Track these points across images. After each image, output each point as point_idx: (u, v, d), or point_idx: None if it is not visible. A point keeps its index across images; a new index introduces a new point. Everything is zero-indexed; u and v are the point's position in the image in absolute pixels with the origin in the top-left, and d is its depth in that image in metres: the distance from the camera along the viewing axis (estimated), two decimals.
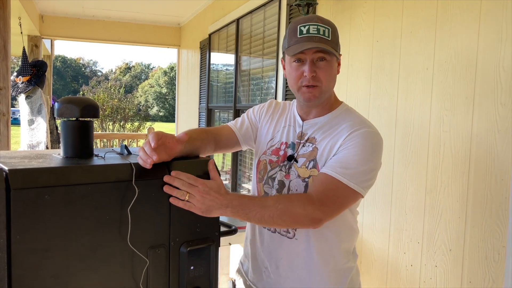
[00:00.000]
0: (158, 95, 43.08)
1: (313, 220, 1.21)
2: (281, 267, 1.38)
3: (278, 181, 1.38)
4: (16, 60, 12.07)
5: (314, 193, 1.24)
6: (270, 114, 1.51)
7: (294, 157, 1.36)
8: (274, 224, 1.24)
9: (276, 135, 1.45)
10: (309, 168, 1.32)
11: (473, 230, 1.72)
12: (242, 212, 1.17)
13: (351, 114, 1.38)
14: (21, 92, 4.78)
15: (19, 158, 1.05)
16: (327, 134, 1.33)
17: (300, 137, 1.39)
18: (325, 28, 1.29)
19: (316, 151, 1.32)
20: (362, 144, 1.26)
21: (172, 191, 1.09)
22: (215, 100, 5.37)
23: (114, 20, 6.68)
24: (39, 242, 0.91)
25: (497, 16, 1.64)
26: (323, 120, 1.38)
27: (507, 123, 1.59)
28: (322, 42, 1.26)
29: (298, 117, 1.43)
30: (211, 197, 1.12)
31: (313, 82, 1.29)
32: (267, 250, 1.41)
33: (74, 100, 1.14)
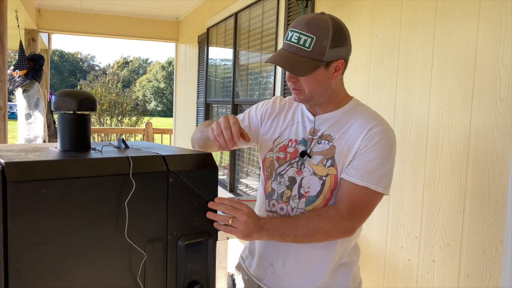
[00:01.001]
0: (156, 90, 43.01)
1: (346, 232, 1.28)
2: (288, 264, 1.37)
3: (289, 177, 1.36)
4: (13, 54, 12.02)
5: (343, 205, 1.26)
6: (277, 112, 1.49)
7: (307, 153, 1.35)
8: (308, 240, 1.26)
9: (284, 133, 1.43)
10: (326, 167, 1.30)
11: (470, 224, 1.72)
12: (276, 234, 1.22)
13: (361, 109, 1.37)
14: (18, 86, 4.76)
15: (16, 152, 1.05)
16: (343, 131, 1.32)
17: (313, 133, 1.37)
18: (307, 37, 1.24)
19: (334, 150, 1.31)
20: (382, 145, 1.27)
21: (216, 217, 1.14)
22: (213, 95, 5.36)
23: (112, 14, 6.65)
24: (36, 236, 0.90)
25: (496, 11, 1.63)
26: (335, 115, 1.36)
27: (505, 118, 1.59)
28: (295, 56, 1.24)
29: (308, 112, 1.41)
30: (253, 221, 1.18)
31: (295, 86, 1.31)
32: (274, 247, 1.40)
33: (71, 93, 1.13)
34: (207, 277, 1.16)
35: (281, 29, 3.36)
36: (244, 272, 1.53)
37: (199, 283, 1.13)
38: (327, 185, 1.30)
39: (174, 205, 1.10)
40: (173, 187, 1.09)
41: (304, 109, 1.43)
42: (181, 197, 1.10)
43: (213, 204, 1.14)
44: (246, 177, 4.38)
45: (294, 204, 1.35)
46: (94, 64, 52.16)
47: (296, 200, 1.34)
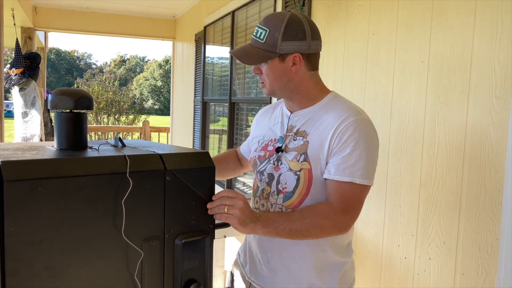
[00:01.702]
0: (153, 88, 42.93)
1: (341, 228, 1.28)
2: (272, 260, 1.39)
3: (268, 174, 1.40)
4: (9, 52, 11.97)
5: (334, 202, 1.26)
6: (262, 118, 1.58)
7: (282, 148, 1.38)
8: (303, 236, 1.26)
9: (266, 134, 1.49)
10: (300, 162, 1.32)
11: (466, 222, 1.73)
12: (271, 226, 1.22)
13: (338, 103, 1.38)
14: (15, 84, 4.74)
15: (12, 150, 1.05)
16: (317, 126, 1.34)
17: (289, 129, 1.41)
18: (262, 30, 1.32)
19: (307, 145, 1.33)
20: (356, 136, 1.26)
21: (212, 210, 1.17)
22: (210, 93, 5.36)
23: (109, 12, 6.63)
24: (32, 234, 0.90)
25: (492, 9, 1.64)
26: (310, 111, 1.38)
27: (501, 116, 1.59)
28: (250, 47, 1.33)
29: (286, 110, 1.46)
30: (249, 210, 1.20)
31: (260, 79, 1.38)
32: (259, 242, 1.43)
33: (67, 92, 1.13)
34: (204, 275, 1.16)
35: None
36: (240, 268, 1.55)
37: (196, 281, 1.14)
38: (302, 180, 1.31)
39: (171, 204, 1.10)
40: (170, 186, 1.09)
41: (284, 108, 1.47)
42: (178, 196, 1.10)
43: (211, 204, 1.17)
44: (243, 175, 4.38)
45: (273, 200, 1.38)
46: (91, 63, 52.01)
47: (275, 196, 1.37)
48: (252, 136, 1.60)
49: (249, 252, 1.49)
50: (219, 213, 1.17)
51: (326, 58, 2.69)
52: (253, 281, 1.45)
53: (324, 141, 1.30)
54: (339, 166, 1.26)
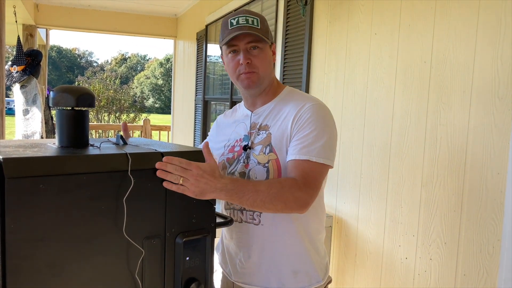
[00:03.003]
0: (154, 87, 42.93)
1: (302, 205, 1.25)
2: (253, 255, 1.41)
3: (239, 173, 1.42)
4: (10, 50, 11.98)
5: (296, 176, 1.27)
6: (225, 122, 1.60)
7: (249, 145, 1.42)
8: (265, 208, 1.24)
9: (231, 136, 1.51)
10: (266, 154, 1.36)
11: (468, 223, 1.73)
12: (235, 196, 1.18)
13: (295, 94, 1.45)
14: (16, 81, 4.74)
15: (14, 147, 1.04)
16: (277, 118, 1.40)
17: (252, 127, 1.45)
18: (253, 19, 1.36)
19: (270, 136, 1.38)
20: (314, 119, 1.31)
21: (166, 176, 1.07)
22: (211, 92, 5.35)
23: (110, 10, 6.62)
24: (34, 232, 0.90)
25: (495, 9, 1.63)
26: (270, 106, 1.44)
27: (504, 117, 1.59)
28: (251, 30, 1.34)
29: (246, 110, 1.50)
30: (205, 180, 1.11)
31: (249, 68, 1.37)
32: (237, 241, 1.45)
33: (69, 89, 1.12)
34: (205, 274, 1.16)
35: (280, 27, 3.36)
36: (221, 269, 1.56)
37: (197, 280, 1.13)
38: (271, 171, 1.34)
39: (172, 202, 1.10)
40: None
41: (243, 108, 1.52)
42: (179, 194, 1.10)
43: (161, 164, 1.07)
44: None
45: None
46: (92, 60, 52.01)
47: None
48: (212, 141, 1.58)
49: (228, 253, 1.50)
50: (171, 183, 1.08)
51: (328, 58, 2.69)
52: (236, 281, 1.47)
53: (285, 130, 1.35)
54: (297, 146, 1.30)
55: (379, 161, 2.23)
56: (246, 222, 1.41)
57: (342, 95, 2.53)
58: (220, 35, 1.41)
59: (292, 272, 1.40)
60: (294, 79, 3.08)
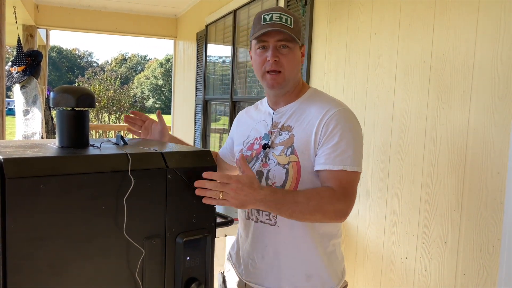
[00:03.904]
0: (154, 87, 42.92)
1: (341, 215, 1.27)
2: (267, 256, 1.40)
3: (256, 171, 1.40)
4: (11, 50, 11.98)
5: (334, 186, 1.27)
6: (245, 119, 1.58)
7: (269, 145, 1.40)
8: (303, 219, 1.27)
9: (251, 134, 1.50)
10: (287, 155, 1.35)
11: (468, 223, 1.73)
12: (274, 207, 1.21)
13: (319, 96, 1.44)
14: (16, 82, 4.75)
15: (14, 148, 1.04)
16: (301, 120, 1.37)
17: (273, 126, 1.43)
18: (287, 17, 1.34)
19: (293, 138, 1.36)
20: (341, 126, 1.30)
21: (205, 193, 1.11)
22: (211, 92, 5.36)
23: (110, 10, 6.63)
24: (34, 232, 0.90)
25: (495, 9, 1.63)
26: (293, 106, 1.42)
27: (504, 116, 1.59)
28: (283, 29, 1.32)
29: (269, 108, 1.48)
30: (245, 193, 1.15)
31: (276, 67, 1.34)
32: (252, 241, 1.43)
33: (69, 90, 1.13)
34: (205, 274, 1.16)
35: None
36: (234, 269, 1.55)
37: (197, 280, 1.14)
38: (291, 173, 1.33)
39: (172, 202, 1.10)
40: (172, 184, 1.09)
41: (266, 105, 1.50)
42: (180, 194, 1.10)
43: (199, 183, 1.10)
44: None
45: None
46: (92, 61, 52.01)
47: None
48: (234, 137, 1.60)
49: (242, 252, 1.49)
50: (212, 198, 1.11)
51: (328, 58, 2.69)
52: (248, 281, 1.45)
53: (310, 133, 1.33)
54: (330, 155, 1.28)
55: (379, 160, 2.24)
56: (262, 222, 1.40)
57: (342, 95, 2.53)
58: (252, 29, 1.39)
59: (305, 275, 1.37)
60: None
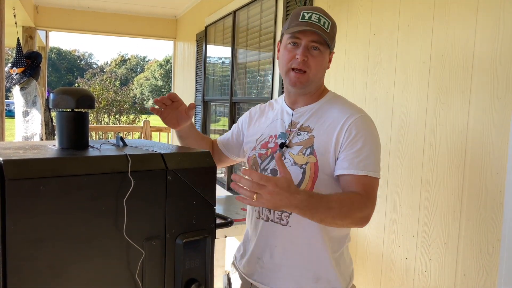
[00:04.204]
0: (153, 88, 42.91)
1: (366, 220, 1.27)
2: (276, 255, 1.39)
3: (271, 170, 1.40)
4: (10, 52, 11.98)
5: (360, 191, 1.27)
6: (258, 115, 1.56)
7: (286, 144, 1.39)
8: (332, 223, 1.26)
9: (265, 132, 1.49)
10: (306, 155, 1.34)
11: (468, 223, 1.73)
12: (308, 212, 1.18)
13: (339, 100, 1.44)
14: (16, 83, 4.75)
15: (14, 149, 1.05)
16: (321, 122, 1.37)
17: (291, 126, 1.42)
18: (325, 20, 1.34)
19: (313, 139, 1.35)
20: (364, 133, 1.31)
21: (240, 190, 1.09)
22: (211, 93, 5.36)
23: (110, 11, 6.63)
24: (34, 233, 0.90)
25: (494, 10, 1.64)
26: (313, 107, 1.42)
27: (503, 117, 1.59)
28: (320, 31, 1.32)
29: (287, 107, 1.47)
30: (280, 197, 1.10)
31: (303, 66, 1.34)
32: (261, 239, 1.43)
33: (69, 91, 1.13)
34: (205, 275, 1.16)
35: (279, 27, 3.36)
36: (238, 270, 1.54)
37: (197, 281, 1.14)
38: (308, 173, 1.33)
39: (172, 203, 1.10)
40: (172, 185, 1.09)
41: (283, 104, 1.49)
42: (180, 195, 1.10)
43: (237, 177, 1.10)
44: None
45: None
46: (91, 62, 52.03)
47: None
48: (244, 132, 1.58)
49: (250, 252, 1.48)
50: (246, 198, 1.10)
51: None
52: (254, 280, 1.45)
53: (331, 136, 1.33)
54: (353, 160, 1.29)
55: None
56: (273, 222, 1.39)
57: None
58: (287, 23, 1.38)
59: (313, 277, 1.37)
60: None
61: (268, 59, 3.66)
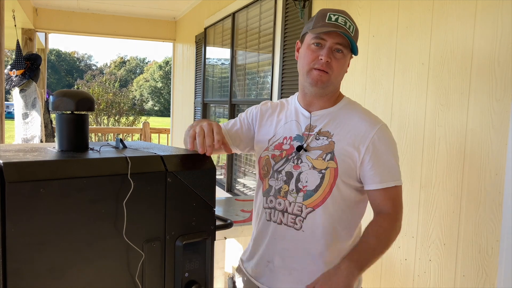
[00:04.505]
0: (153, 90, 42.94)
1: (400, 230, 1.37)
2: (287, 259, 1.38)
3: (286, 172, 1.39)
4: (10, 54, 11.99)
5: (389, 210, 1.34)
6: (269, 114, 1.52)
7: (304, 147, 1.38)
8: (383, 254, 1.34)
9: (278, 132, 1.47)
10: (326, 160, 1.34)
11: (467, 224, 1.73)
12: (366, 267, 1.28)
13: (356, 106, 1.45)
14: (15, 85, 4.75)
15: (14, 152, 1.05)
16: (341, 128, 1.37)
17: (309, 129, 1.40)
18: (351, 24, 1.35)
19: (333, 145, 1.35)
20: (387, 143, 1.36)
21: None
22: (210, 94, 5.36)
23: (109, 13, 6.64)
24: (34, 236, 0.90)
25: (492, 12, 1.64)
26: (331, 112, 1.41)
27: (501, 118, 1.60)
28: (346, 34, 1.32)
29: (303, 109, 1.45)
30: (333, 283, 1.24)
31: (326, 68, 1.33)
32: (272, 242, 1.41)
33: (69, 93, 1.13)
34: (205, 277, 1.16)
35: (278, 29, 3.37)
36: (243, 274, 1.53)
37: (197, 283, 1.14)
38: (327, 179, 1.33)
39: (172, 205, 1.10)
40: (171, 187, 1.09)
41: (298, 106, 1.47)
42: (179, 197, 1.10)
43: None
44: (244, 176, 4.39)
45: (292, 198, 1.37)
46: (91, 64, 52.03)
47: (294, 195, 1.36)
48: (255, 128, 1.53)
49: (257, 255, 1.46)
50: None
51: None
52: (262, 283, 1.43)
53: (353, 144, 1.34)
54: (382, 173, 1.33)
55: None
56: (286, 225, 1.38)
57: None
58: (311, 22, 1.37)
59: None
60: (292, 82, 3.09)
61: (267, 61, 3.67)
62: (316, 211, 1.34)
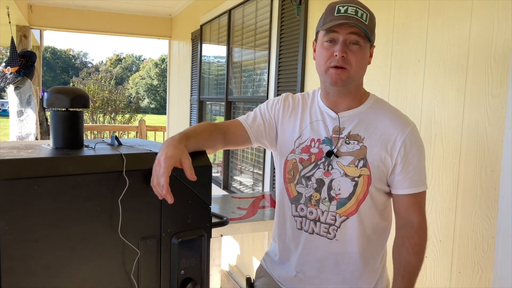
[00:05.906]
0: (149, 87, 42.86)
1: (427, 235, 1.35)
2: (320, 269, 1.35)
3: (317, 179, 1.31)
4: (4, 51, 11.93)
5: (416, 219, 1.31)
6: (292, 110, 1.41)
7: (334, 152, 1.30)
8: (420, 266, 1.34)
9: (304, 132, 1.36)
10: (359, 167, 1.28)
11: (463, 221, 1.73)
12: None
13: (384, 105, 1.39)
14: (10, 83, 4.72)
15: (8, 149, 1.04)
16: (371, 131, 1.30)
17: (337, 131, 1.32)
18: (363, 12, 1.25)
19: (365, 150, 1.28)
20: (417, 146, 1.32)
21: None
22: (206, 92, 5.35)
23: (105, 10, 6.60)
24: (28, 233, 0.90)
25: (489, 9, 1.64)
26: (359, 112, 1.33)
27: (497, 115, 1.60)
28: (358, 23, 1.22)
29: (328, 109, 1.35)
30: None
31: (342, 63, 1.23)
32: (304, 253, 1.36)
33: (64, 90, 1.12)
34: (201, 274, 1.16)
35: (274, 26, 3.36)
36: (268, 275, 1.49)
37: (193, 280, 1.14)
38: (360, 186, 1.28)
39: (167, 202, 1.09)
40: None
41: (322, 105, 1.37)
42: (175, 194, 1.09)
43: None
44: (240, 174, 4.38)
45: (324, 207, 1.31)
46: (86, 61, 51.86)
47: (326, 203, 1.31)
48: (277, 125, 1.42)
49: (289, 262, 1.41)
50: None
51: None
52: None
53: (385, 149, 1.29)
54: (412, 178, 1.29)
55: None
56: (319, 235, 1.33)
57: None
58: (321, 20, 1.30)
59: None
60: (289, 80, 3.09)
61: (263, 58, 3.66)
62: (349, 219, 1.30)
